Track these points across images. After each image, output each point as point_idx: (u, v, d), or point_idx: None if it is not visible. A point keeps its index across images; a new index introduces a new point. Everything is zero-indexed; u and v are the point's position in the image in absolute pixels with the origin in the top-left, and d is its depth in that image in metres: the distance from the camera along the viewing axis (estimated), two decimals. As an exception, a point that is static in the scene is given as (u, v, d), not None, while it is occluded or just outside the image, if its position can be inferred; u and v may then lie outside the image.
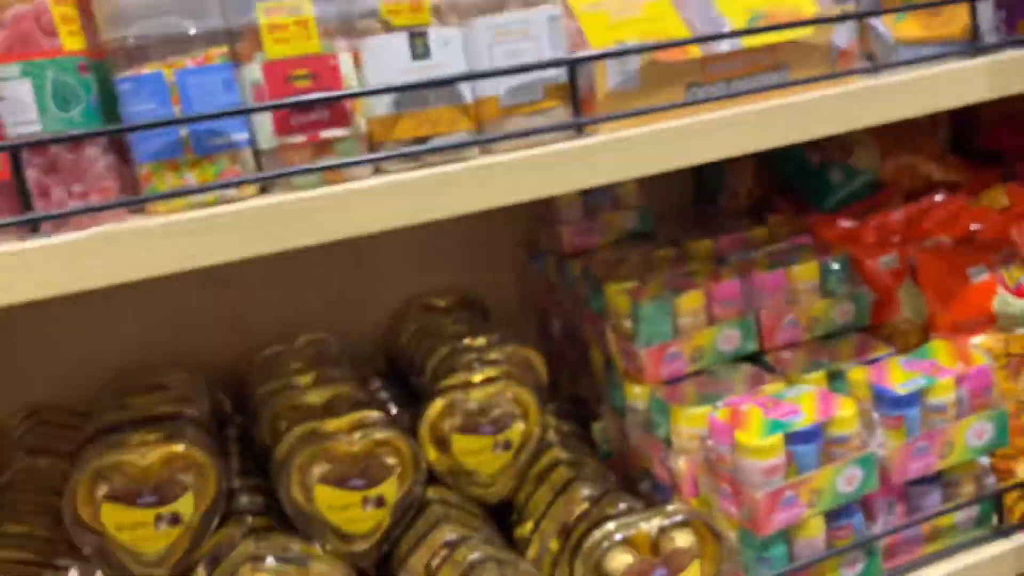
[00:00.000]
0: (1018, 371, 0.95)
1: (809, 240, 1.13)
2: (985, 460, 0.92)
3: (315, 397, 1.01)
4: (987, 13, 0.83)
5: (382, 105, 0.67)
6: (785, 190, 1.36)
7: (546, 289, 1.29)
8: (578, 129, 0.70)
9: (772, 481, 0.81)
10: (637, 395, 0.98)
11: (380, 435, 0.89)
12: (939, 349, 0.93)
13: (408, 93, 0.67)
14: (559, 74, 0.71)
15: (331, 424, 0.91)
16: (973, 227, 1.07)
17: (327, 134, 0.66)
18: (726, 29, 0.76)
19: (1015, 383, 0.95)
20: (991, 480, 0.93)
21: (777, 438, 0.81)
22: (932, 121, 1.43)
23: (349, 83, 0.67)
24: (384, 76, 0.66)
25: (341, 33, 0.67)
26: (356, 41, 0.67)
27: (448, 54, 0.67)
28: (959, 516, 0.91)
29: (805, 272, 1.01)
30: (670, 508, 0.83)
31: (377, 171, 0.70)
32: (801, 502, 0.82)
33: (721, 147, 0.72)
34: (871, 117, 0.77)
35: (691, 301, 0.96)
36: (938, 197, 1.19)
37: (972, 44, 0.81)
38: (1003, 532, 0.92)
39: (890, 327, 1.04)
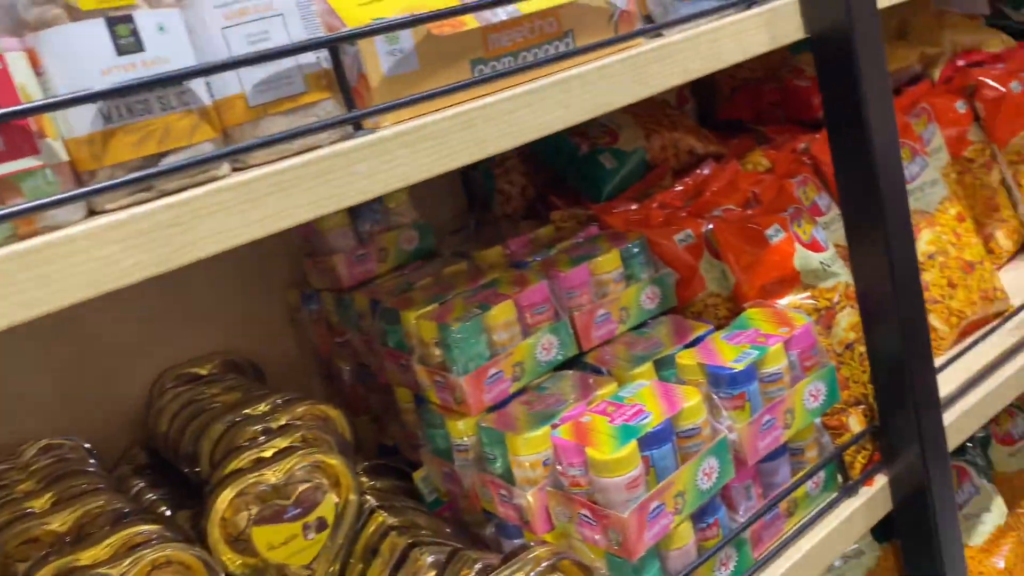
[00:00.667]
0: (829, 325, 0.94)
1: (598, 230, 1.07)
2: (818, 420, 0.90)
3: (59, 522, 0.78)
4: (751, -36, 0.81)
5: (84, 120, 0.49)
6: (559, 185, 1.30)
7: (327, 332, 1.13)
8: (356, 125, 0.57)
9: (635, 495, 0.72)
10: (462, 431, 0.85)
11: (157, 554, 0.69)
12: (756, 316, 0.90)
13: (119, 100, 0.49)
14: (320, 59, 0.56)
15: (87, 555, 0.70)
16: (753, 190, 1.06)
17: (7, 168, 0.47)
18: (499, -4, 0.66)
19: (829, 337, 0.94)
20: (827, 439, 0.91)
21: (631, 446, 0.72)
22: (680, 96, 1.45)
23: (28, 94, 0.48)
24: (80, 80, 0.48)
25: (5, 28, 0.48)
26: (30, 37, 0.49)
27: (168, 44, 0.51)
28: (809, 483, 0.87)
29: (608, 263, 0.94)
30: (532, 555, 0.71)
31: (92, 212, 0.52)
32: (668, 511, 0.74)
33: (524, 128, 0.62)
34: (668, 78, 0.71)
35: (502, 314, 0.86)
36: (707, 169, 1.19)
37: (744, -5, 0.78)
38: (849, 489, 0.90)
39: (698, 303, 1.00)
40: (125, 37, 0.49)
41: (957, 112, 1.31)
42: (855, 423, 0.92)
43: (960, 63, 1.41)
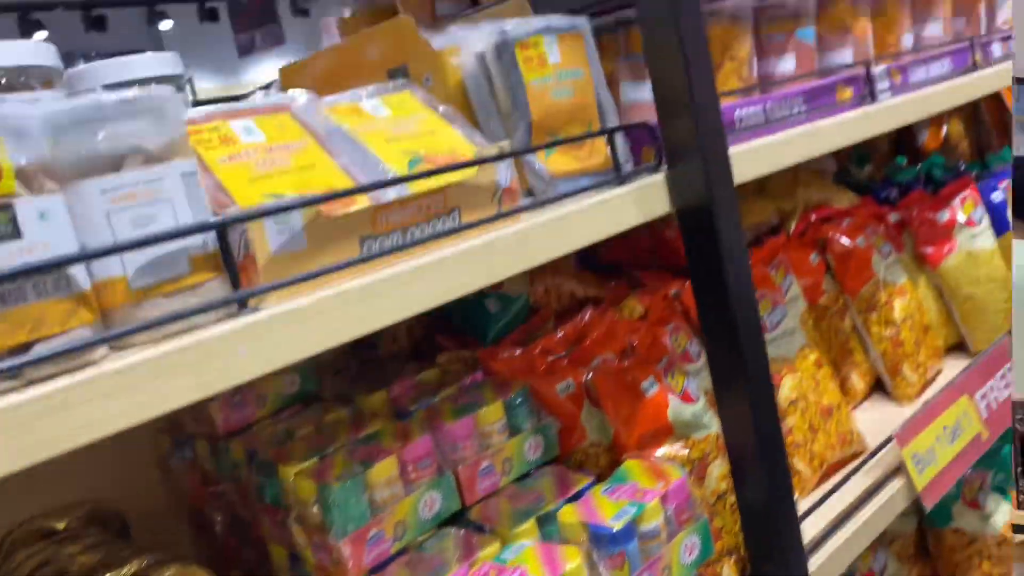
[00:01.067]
0: (702, 476, 0.98)
1: (483, 376, 1.09)
2: (694, 573, 0.92)
3: None
4: (622, 144, 0.87)
5: (-48, 308, 0.47)
6: (445, 324, 1.32)
7: (200, 481, 1.08)
8: (240, 304, 0.57)
9: (517, 667, 0.71)
10: (340, 596, 0.82)
11: None
12: (634, 469, 0.92)
13: (-8, 287, 0.48)
14: (206, 241, 0.57)
15: None
16: (629, 339, 1.11)
17: None
18: (389, 173, 0.69)
19: (702, 488, 0.97)
20: (703, 591, 0.93)
21: (514, 615, 0.72)
22: (561, 242, 1.52)
23: None
24: (-50, 268, 0.47)
25: None
26: (-101, 223, 0.47)
27: (49, 230, 0.50)
28: (687, 638, 0.89)
29: (492, 413, 0.96)
30: None
31: (-46, 399, 0.49)
32: None
33: (412, 303, 0.64)
34: (548, 252, 0.75)
35: (384, 471, 0.85)
36: (587, 315, 1.23)
37: (616, 174, 0.84)
38: (725, 641, 0.92)
39: (579, 453, 1.02)
40: (3, 225, 0.48)
41: (811, 264, 1.42)
42: (728, 573, 0.95)
43: (813, 217, 1.55)
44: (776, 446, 0.91)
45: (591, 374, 1.02)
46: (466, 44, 0.82)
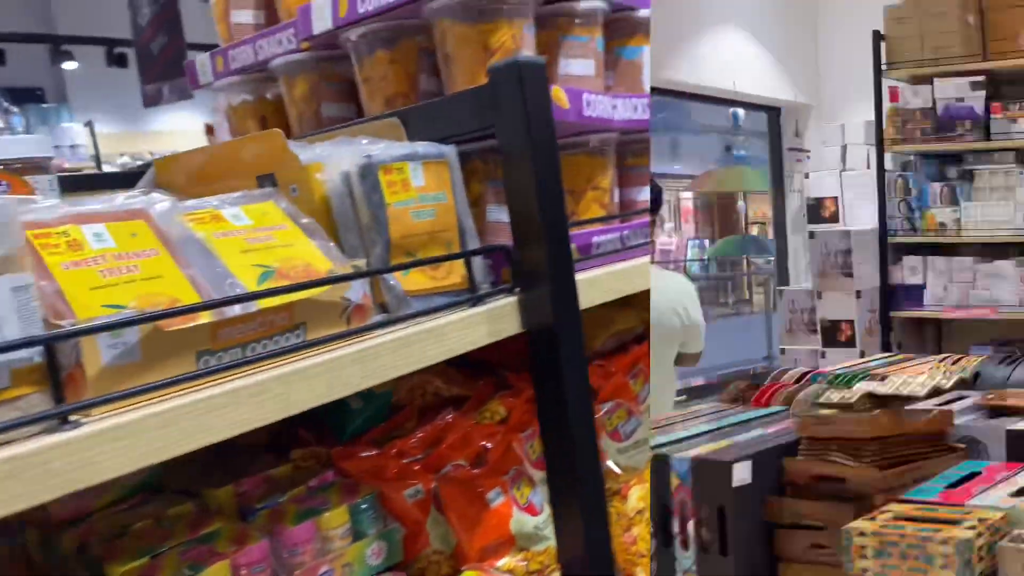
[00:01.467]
0: (539, 587, 1.00)
1: (334, 476, 1.09)
2: None
3: None
4: (479, 264, 0.92)
5: None
6: (306, 415, 1.32)
7: (26, 571, 1.03)
8: (62, 419, 0.57)
9: None
10: None
11: None
12: (471, 581, 0.94)
13: None
14: (33, 354, 0.57)
15: None
16: (484, 444, 1.14)
17: None
18: (236, 287, 0.71)
19: (538, 600, 1.00)
20: None
21: None
22: (433, 337, 1.55)
23: None
24: None
25: None
26: None
27: None
28: None
29: (336, 518, 0.96)
30: None
31: None
32: None
33: (241, 421, 0.65)
34: (395, 369, 0.77)
35: (215, 576, 0.84)
36: (449, 417, 1.25)
37: (472, 293, 0.88)
38: None
39: (422, 560, 1.03)
40: None
41: (670, 373, 1.50)
42: None
43: (675, 327, 1.64)
44: (607, 562, 0.95)
45: (439, 481, 1.04)
46: (333, 161, 0.86)
